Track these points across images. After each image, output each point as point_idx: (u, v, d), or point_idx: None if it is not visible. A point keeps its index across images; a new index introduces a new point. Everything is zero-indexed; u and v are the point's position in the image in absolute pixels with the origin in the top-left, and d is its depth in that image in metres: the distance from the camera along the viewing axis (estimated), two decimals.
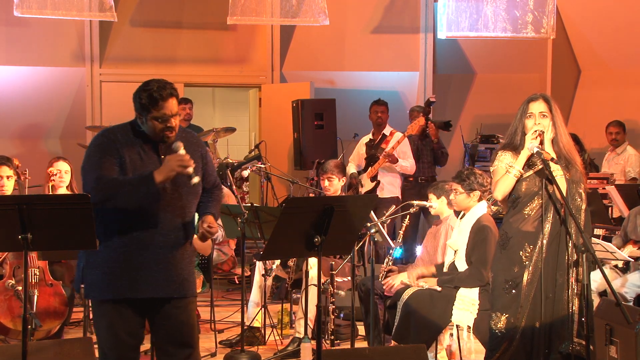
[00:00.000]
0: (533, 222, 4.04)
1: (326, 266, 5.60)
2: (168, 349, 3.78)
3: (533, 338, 4.03)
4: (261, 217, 5.67)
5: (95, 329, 3.81)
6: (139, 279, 3.66)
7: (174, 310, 3.75)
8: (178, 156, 3.62)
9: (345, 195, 6.10)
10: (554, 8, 9.17)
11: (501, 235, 4.17)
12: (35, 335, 5.49)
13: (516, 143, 4.11)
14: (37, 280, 5.64)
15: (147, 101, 3.62)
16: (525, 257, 4.04)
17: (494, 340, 4.13)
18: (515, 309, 4.04)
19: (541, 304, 4.00)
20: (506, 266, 4.10)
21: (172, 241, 3.71)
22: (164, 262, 3.69)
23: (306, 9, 8.93)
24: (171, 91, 3.65)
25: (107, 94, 10.23)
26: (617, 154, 8.58)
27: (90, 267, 3.70)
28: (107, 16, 8.95)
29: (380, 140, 7.96)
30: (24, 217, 3.53)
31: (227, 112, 12.87)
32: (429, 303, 5.03)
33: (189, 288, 3.80)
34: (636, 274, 5.86)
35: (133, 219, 3.64)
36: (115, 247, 3.66)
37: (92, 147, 3.69)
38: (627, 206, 6.81)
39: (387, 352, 4.46)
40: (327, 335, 5.57)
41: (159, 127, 3.65)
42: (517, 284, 4.04)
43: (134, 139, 3.70)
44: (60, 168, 6.17)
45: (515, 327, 4.05)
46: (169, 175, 3.60)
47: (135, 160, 3.66)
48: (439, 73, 10.50)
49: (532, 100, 4.10)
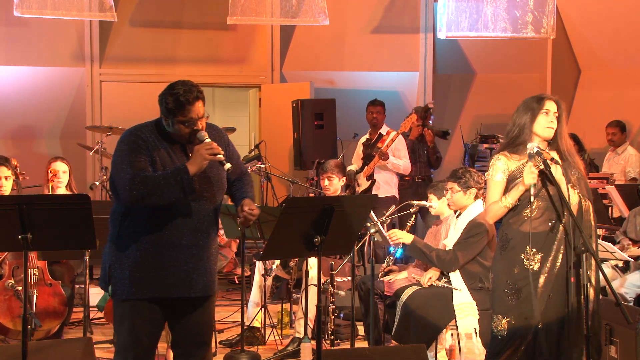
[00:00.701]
0: (533, 223, 4.01)
1: (326, 266, 5.60)
2: (187, 348, 3.78)
3: (544, 342, 3.98)
4: (261, 217, 5.66)
5: (117, 327, 3.76)
6: (168, 278, 3.64)
7: (197, 310, 3.74)
8: (206, 144, 3.59)
9: (345, 195, 6.10)
10: (554, 8, 9.16)
11: (501, 237, 4.12)
12: (35, 335, 5.48)
13: (520, 142, 4.04)
14: (37, 280, 5.64)
15: (174, 105, 3.59)
16: (527, 260, 4.00)
17: (495, 343, 4.08)
18: (519, 313, 3.98)
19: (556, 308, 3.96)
20: (506, 268, 4.05)
21: (201, 238, 3.69)
22: (192, 260, 3.67)
23: (306, 9, 8.93)
24: (197, 94, 3.61)
25: (107, 94, 10.23)
26: (618, 154, 8.58)
27: (118, 266, 3.65)
28: (107, 16, 8.95)
29: (376, 140, 7.96)
30: (24, 217, 3.52)
31: (227, 112, 12.87)
32: (429, 303, 5.03)
33: (213, 286, 3.80)
34: (636, 274, 5.86)
35: (162, 217, 3.61)
36: (144, 245, 3.62)
37: (123, 147, 3.62)
38: (627, 206, 6.81)
39: (387, 352, 4.46)
40: (327, 335, 5.57)
41: (186, 131, 3.63)
42: (520, 288, 3.99)
43: (160, 139, 3.67)
44: (58, 168, 6.17)
45: (520, 331, 3.98)
46: (202, 164, 3.57)
47: (165, 159, 3.63)
48: (439, 73, 10.50)
49: (548, 99, 4.03)
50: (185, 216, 3.64)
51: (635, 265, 5.94)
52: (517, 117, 4.09)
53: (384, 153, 7.62)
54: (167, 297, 3.66)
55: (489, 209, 4.09)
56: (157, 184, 3.53)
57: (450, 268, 5.08)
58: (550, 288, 3.97)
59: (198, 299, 3.73)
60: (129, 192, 3.53)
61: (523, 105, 4.09)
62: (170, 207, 3.60)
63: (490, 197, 4.10)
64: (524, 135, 4.04)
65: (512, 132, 4.10)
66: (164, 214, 3.61)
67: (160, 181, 3.53)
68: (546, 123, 4.01)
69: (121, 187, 3.57)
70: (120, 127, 8.70)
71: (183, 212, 3.63)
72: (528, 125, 4.02)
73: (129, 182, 3.53)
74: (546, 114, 4.00)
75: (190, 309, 3.73)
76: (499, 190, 4.06)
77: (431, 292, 5.10)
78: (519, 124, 4.06)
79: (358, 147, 8.28)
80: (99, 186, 8.42)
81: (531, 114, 4.02)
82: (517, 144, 4.06)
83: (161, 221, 3.62)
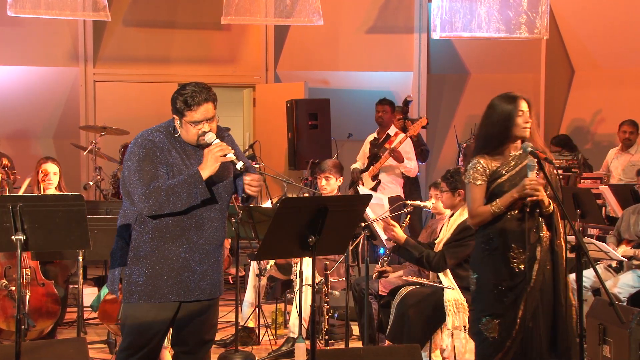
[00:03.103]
0: (517, 221, 3.97)
1: (320, 266, 5.61)
2: (192, 347, 3.79)
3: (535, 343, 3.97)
4: (255, 217, 5.67)
5: (128, 328, 3.72)
6: (182, 282, 3.65)
7: (204, 310, 3.77)
8: (216, 146, 3.61)
9: (340, 195, 6.09)
10: (547, 8, 9.18)
11: (483, 236, 4.05)
12: (28, 335, 5.47)
13: (498, 144, 4.00)
14: (29, 280, 5.62)
15: (182, 105, 3.61)
16: (513, 259, 3.96)
17: (486, 345, 4.02)
18: (509, 315, 3.94)
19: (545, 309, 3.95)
20: (493, 268, 3.99)
21: (211, 241, 3.72)
22: (204, 263, 3.70)
23: (300, 8, 8.94)
24: (207, 96, 3.63)
25: (101, 93, 10.22)
26: (632, 154, 8.44)
27: (132, 270, 3.65)
28: (101, 16, 8.94)
29: (384, 140, 7.96)
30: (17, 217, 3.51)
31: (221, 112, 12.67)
32: (423, 303, 5.03)
33: (221, 288, 3.84)
34: (629, 274, 5.88)
35: (173, 220, 3.62)
36: (157, 248, 3.63)
37: (135, 157, 3.62)
38: (621, 206, 6.82)
39: (381, 352, 4.46)
40: (321, 335, 5.57)
41: (193, 132, 3.64)
42: (509, 288, 3.94)
43: (173, 142, 3.68)
44: (49, 169, 6.14)
45: (511, 333, 3.94)
46: (214, 167, 3.59)
47: (178, 163, 3.64)
48: (433, 73, 10.52)
49: (520, 99, 4.01)
50: (196, 220, 3.66)
51: (628, 265, 5.96)
52: (491, 118, 4.05)
53: (398, 153, 7.59)
54: (179, 300, 3.68)
55: (477, 213, 4.03)
56: (172, 192, 3.54)
57: (437, 270, 5.08)
58: (540, 287, 3.96)
59: (207, 301, 3.77)
60: (145, 204, 3.55)
61: (496, 107, 4.04)
62: (182, 211, 3.61)
63: (473, 201, 4.04)
64: (503, 137, 4.01)
65: (488, 134, 4.06)
66: (176, 217, 3.62)
67: (175, 189, 3.54)
68: (523, 124, 4.00)
69: (136, 197, 3.58)
70: (114, 127, 8.69)
71: (194, 216, 3.65)
72: (507, 126, 3.99)
73: (144, 193, 3.55)
74: (521, 114, 4.00)
75: (199, 309, 3.75)
76: (481, 194, 4.02)
77: (425, 292, 5.10)
78: (495, 125, 4.02)
79: (365, 145, 8.26)
80: (92, 186, 8.40)
81: (508, 115, 4.00)
82: (495, 146, 4.03)
83: (172, 225, 3.63)
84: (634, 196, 6.89)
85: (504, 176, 3.98)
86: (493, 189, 4.00)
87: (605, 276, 5.96)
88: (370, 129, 8.41)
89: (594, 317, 5.31)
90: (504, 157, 4.03)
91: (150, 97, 9.85)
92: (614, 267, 6.11)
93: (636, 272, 5.85)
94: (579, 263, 3.75)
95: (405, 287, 5.22)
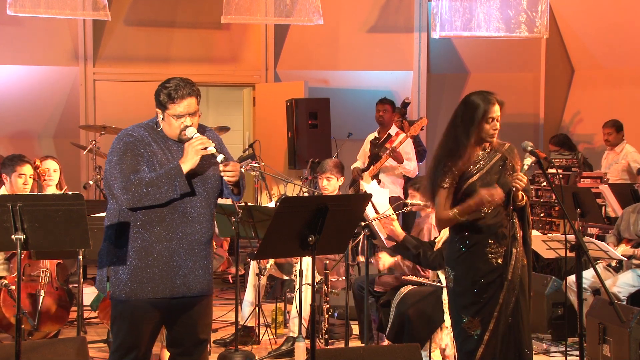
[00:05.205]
0: (492, 217, 3.93)
1: (320, 265, 5.61)
2: (186, 347, 3.78)
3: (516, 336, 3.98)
4: (255, 217, 5.67)
5: (116, 328, 3.72)
6: (167, 279, 3.65)
7: (196, 309, 3.75)
8: (195, 139, 3.62)
9: (340, 195, 6.09)
10: (547, 8, 9.18)
11: (459, 233, 4.02)
12: (35, 335, 5.48)
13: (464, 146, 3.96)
14: (47, 281, 5.62)
15: (165, 98, 3.64)
16: (491, 254, 3.94)
17: (470, 342, 3.99)
18: (490, 310, 3.93)
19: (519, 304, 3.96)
20: (471, 265, 3.96)
21: (197, 238, 3.70)
22: (190, 260, 3.69)
23: (300, 8, 8.94)
24: (190, 90, 3.65)
25: (101, 93, 10.22)
26: (617, 152, 8.52)
27: (117, 267, 3.65)
28: (101, 15, 8.94)
29: (385, 140, 7.95)
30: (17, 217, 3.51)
31: (221, 112, 12.86)
32: (423, 302, 5.03)
33: (210, 285, 3.83)
34: (629, 273, 5.88)
35: (158, 216, 3.62)
36: (141, 245, 3.62)
37: (116, 152, 3.64)
38: (621, 205, 6.82)
39: (381, 352, 4.46)
40: (321, 334, 5.57)
41: (175, 126, 3.66)
42: (488, 283, 3.92)
43: (155, 137, 3.69)
44: (49, 167, 6.15)
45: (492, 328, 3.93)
46: (194, 160, 3.59)
47: (160, 157, 3.65)
48: (433, 72, 10.52)
49: (493, 103, 3.96)
50: (181, 215, 3.64)
51: (628, 265, 5.96)
52: (462, 122, 4.02)
53: (398, 153, 7.59)
54: (166, 297, 3.66)
55: (439, 217, 4.00)
56: (152, 185, 3.54)
57: (435, 268, 5.07)
58: (518, 281, 3.96)
59: (196, 298, 3.74)
60: (125, 195, 3.56)
61: (469, 110, 4.01)
62: (166, 207, 3.61)
63: (438, 205, 4.00)
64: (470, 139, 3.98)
65: (457, 134, 4.02)
66: (160, 213, 3.62)
67: (155, 182, 3.55)
68: (491, 130, 3.97)
69: (117, 190, 3.59)
70: (114, 127, 8.68)
71: (179, 211, 3.64)
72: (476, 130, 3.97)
73: (124, 185, 3.56)
74: (491, 121, 3.95)
75: (189, 308, 3.74)
76: (446, 197, 3.97)
77: (425, 291, 5.11)
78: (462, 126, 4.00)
79: (365, 145, 8.26)
80: (92, 185, 8.40)
81: (480, 121, 3.96)
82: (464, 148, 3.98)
83: (157, 221, 3.62)
84: (634, 195, 6.90)
85: (475, 175, 3.95)
86: (465, 190, 3.96)
87: (605, 275, 5.96)
88: (370, 128, 8.41)
89: (593, 316, 5.32)
90: (472, 158, 3.98)
91: (150, 97, 9.64)
92: (613, 267, 6.11)
93: (636, 272, 5.86)
94: (579, 262, 3.76)
95: (405, 286, 5.22)
